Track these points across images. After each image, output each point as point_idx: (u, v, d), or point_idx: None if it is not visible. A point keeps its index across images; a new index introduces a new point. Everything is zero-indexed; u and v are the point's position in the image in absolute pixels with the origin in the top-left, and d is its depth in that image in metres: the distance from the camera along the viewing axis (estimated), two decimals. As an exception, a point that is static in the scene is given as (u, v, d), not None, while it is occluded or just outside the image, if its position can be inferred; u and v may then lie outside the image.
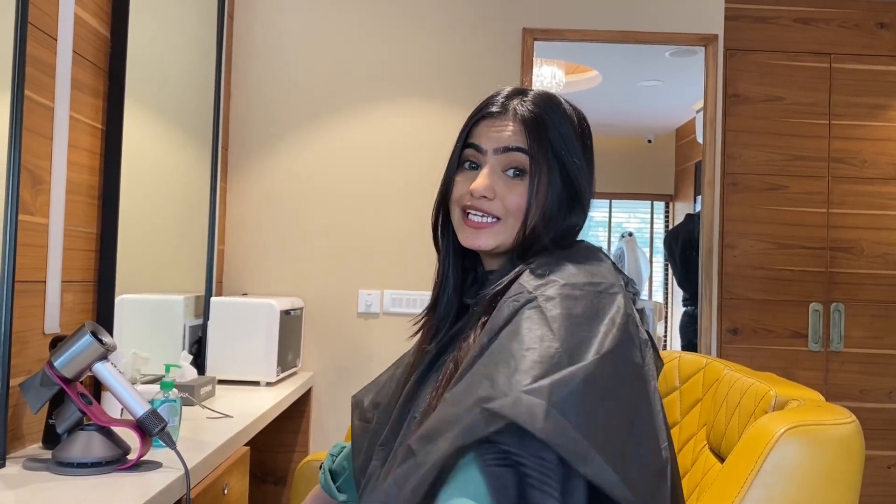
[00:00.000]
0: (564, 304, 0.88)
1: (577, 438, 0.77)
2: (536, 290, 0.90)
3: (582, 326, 0.86)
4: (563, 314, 0.86)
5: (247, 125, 2.93)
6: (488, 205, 1.05)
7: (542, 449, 0.77)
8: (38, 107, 1.59)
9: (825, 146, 3.04)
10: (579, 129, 1.09)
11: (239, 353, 2.44)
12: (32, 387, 1.40)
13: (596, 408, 0.80)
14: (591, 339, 0.84)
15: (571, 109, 1.10)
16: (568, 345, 0.83)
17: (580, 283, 0.91)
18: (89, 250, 1.84)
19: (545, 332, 0.85)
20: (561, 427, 0.77)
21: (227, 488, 1.68)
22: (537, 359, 0.82)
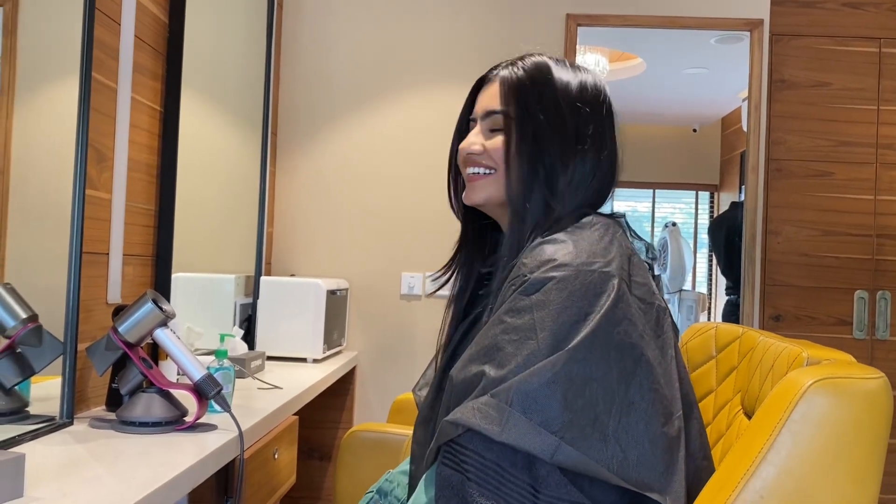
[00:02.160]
0: (555, 288, 0.89)
1: (543, 435, 0.83)
2: (531, 273, 0.92)
3: (567, 311, 0.88)
4: (550, 300, 0.88)
5: (295, 110, 3.01)
6: (479, 158, 1.12)
7: (486, 449, 0.85)
8: (104, 87, 1.68)
9: (873, 132, 3.00)
10: (578, 95, 1.07)
11: (287, 331, 2.52)
12: (98, 351, 1.49)
13: (571, 397, 0.84)
14: (573, 326, 0.87)
15: (572, 78, 1.09)
16: (548, 333, 0.86)
17: (575, 265, 0.91)
18: (148, 226, 1.93)
19: (528, 320, 0.88)
20: (522, 429, 0.83)
21: (277, 454, 1.76)
22: (512, 351, 0.87)
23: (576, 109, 1.06)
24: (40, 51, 1.50)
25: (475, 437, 0.85)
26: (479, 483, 0.85)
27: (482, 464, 0.85)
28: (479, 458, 0.85)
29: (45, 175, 1.51)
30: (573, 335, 0.86)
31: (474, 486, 0.85)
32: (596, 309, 0.88)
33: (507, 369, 0.86)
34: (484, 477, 0.85)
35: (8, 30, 1.38)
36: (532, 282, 0.90)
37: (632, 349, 0.88)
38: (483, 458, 0.85)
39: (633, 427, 0.85)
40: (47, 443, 1.34)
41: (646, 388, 0.87)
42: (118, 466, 1.20)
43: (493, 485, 0.85)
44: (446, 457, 0.87)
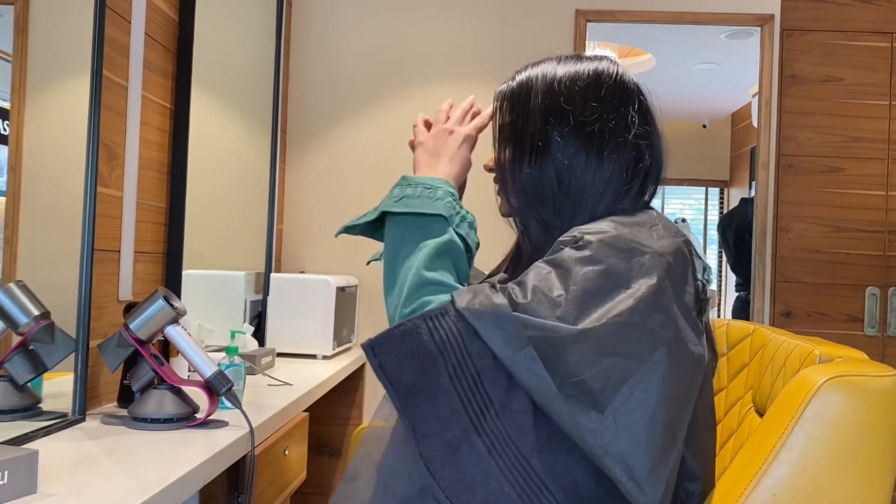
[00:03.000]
0: (608, 248, 0.91)
1: (546, 379, 0.84)
2: (584, 235, 0.94)
3: (610, 275, 0.90)
4: (599, 257, 0.91)
5: (304, 108, 3.01)
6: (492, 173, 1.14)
7: (478, 350, 0.88)
8: (114, 85, 1.69)
9: (885, 127, 2.98)
10: (566, 86, 1.04)
11: (297, 327, 2.53)
12: (109, 347, 1.49)
13: (590, 360, 0.85)
14: (610, 293, 0.89)
15: (566, 70, 1.06)
16: (580, 290, 0.89)
17: (632, 238, 0.93)
18: (159, 223, 1.94)
19: (565, 271, 0.90)
20: (525, 363, 0.85)
21: (287, 450, 1.77)
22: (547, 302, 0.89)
23: (575, 104, 1.02)
24: (51, 49, 1.50)
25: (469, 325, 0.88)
26: (453, 369, 0.88)
27: (462, 353, 0.88)
28: (461, 345, 0.88)
29: (57, 173, 1.51)
30: (608, 305, 0.87)
31: (444, 366, 0.88)
32: (638, 286, 0.88)
33: (529, 300, 0.88)
34: (460, 368, 0.88)
35: (19, 28, 1.39)
36: (585, 240, 0.93)
37: (657, 341, 0.87)
38: (468, 352, 0.88)
39: (635, 412, 0.84)
40: (60, 439, 1.35)
41: (655, 378, 0.85)
42: (130, 463, 1.20)
43: (464, 378, 0.88)
44: (434, 318, 0.90)
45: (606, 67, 1.06)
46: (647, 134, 1.03)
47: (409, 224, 1.01)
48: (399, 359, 0.89)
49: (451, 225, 1.00)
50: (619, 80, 1.05)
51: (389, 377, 0.90)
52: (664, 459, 0.84)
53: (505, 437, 0.86)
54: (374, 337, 0.92)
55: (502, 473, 0.86)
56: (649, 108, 1.06)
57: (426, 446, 0.87)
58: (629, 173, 1.01)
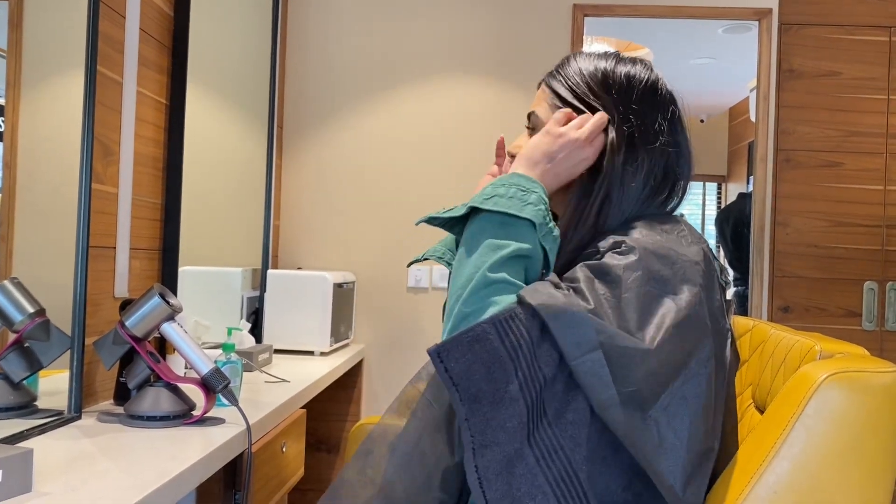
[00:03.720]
0: (639, 268, 0.91)
1: (609, 385, 0.83)
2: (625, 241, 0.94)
3: (653, 286, 0.89)
4: (643, 266, 0.90)
5: (301, 104, 3.00)
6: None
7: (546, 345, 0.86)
8: (109, 81, 1.67)
9: (883, 122, 2.97)
10: (602, 78, 1.06)
11: (294, 324, 2.52)
12: (105, 345, 1.48)
13: (653, 369, 0.84)
14: (656, 301, 0.88)
15: (599, 63, 1.07)
16: (635, 298, 0.88)
17: (666, 246, 0.93)
18: (154, 220, 1.93)
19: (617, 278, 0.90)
20: (595, 369, 0.84)
21: (285, 447, 1.76)
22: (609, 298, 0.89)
23: (596, 97, 1.04)
24: (46, 44, 1.49)
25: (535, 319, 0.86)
26: (523, 377, 0.85)
27: (529, 349, 0.86)
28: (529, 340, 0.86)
29: (52, 169, 1.50)
30: (660, 312, 0.87)
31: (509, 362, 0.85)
32: (682, 293, 0.89)
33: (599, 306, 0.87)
34: (530, 376, 0.85)
35: (13, 24, 1.38)
36: (628, 245, 0.93)
37: (701, 351, 0.88)
38: (537, 358, 0.86)
39: (677, 421, 0.85)
40: (55, 437, 1.34)
41: (701, 389, 0.87)
42: (126, 461, 1.20)
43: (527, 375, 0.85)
44: (502, 328, 0.86)
45: (640, 72, 1.07)
46: (678, 143, 1.06)
47: (492, 221, 0.95)
48: (468, 365, 0.85)
49: (538, 234, 0.94)
50: (654, 85, 1.07)
51: (456, 384, 0.85)
52: (702, 466, 0.86)
53: (556, 448, 0.85)
54: (442, 342, 0.87)
55: (549, 487, 0.84)
56: (681, 117, 1.08)
57: (485, 458, 0.83)
58: (658, 179, 1.04)
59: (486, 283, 0.90)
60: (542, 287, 0.89)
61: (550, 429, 0.85)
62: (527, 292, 0.88)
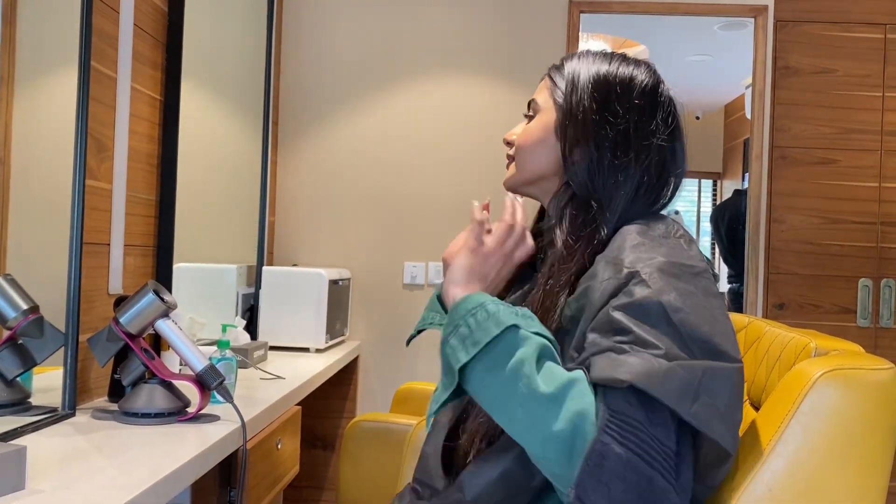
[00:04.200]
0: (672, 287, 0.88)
1: (721, 421, 0.81)
2: (632, 265, 0.91)
3: (695, 305, 0.88)
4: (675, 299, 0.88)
5: (297, 99, 2.99)
6: (510, 148, 1.14)
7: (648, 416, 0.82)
8: (103, 77, 1.67)
9: (878, 119, 2.98)
10: (616, 83, 1.06)
11: (289, 321, 2.52)
12: (99, 342, 1.48)
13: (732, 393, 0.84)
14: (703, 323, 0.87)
15: (611, 67, 1.08)
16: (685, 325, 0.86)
17: (686, 262, 0.92)
18: (149, 216, 1.92)
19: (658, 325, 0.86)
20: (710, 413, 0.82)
21: (280, 444, 1.76)
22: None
23: (603, 98, 1.04)
24: (40, 40, 1.48)
25: (645, 407, 0.81)
26: (661, 468, 0.81)
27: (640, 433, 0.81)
28: (637, 426, 0.81)
29: (46, 165, 1.50)
30: (705, 330, 0.86)
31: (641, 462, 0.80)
32: (709, 305, 0.89)
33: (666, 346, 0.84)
34: (663, 461, 0.81)
35: (7, 19, 1.37)
36: (645, 272, 0.90)
37: (733, 357, 0.87)
38: (659, 440, 0.81)
39: (726, 422, 0.84)
40: (49, 434, 1.33)
41: (739, 393, 0.87)
42: (120, 458, 1.19)
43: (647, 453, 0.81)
44: (613, 430, 0.80)
45: (643, 77, 1.07)
46: (673, 148, 1.06)
47: (487, 362, 0.88)
48: (607, 490, 0.79)
49: (523, 329, 0.89)
50: (655, 89, 1.07)
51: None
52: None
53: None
54: (576, 481, 0.80)
55: None
56: (679, 123, 1.08)
57: None
58: (652, 183, 1.04)
59: (552, 397, 0.83)
60: (615, 357, 0.83)
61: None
62: (608, 368, 0.82)
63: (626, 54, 1.11)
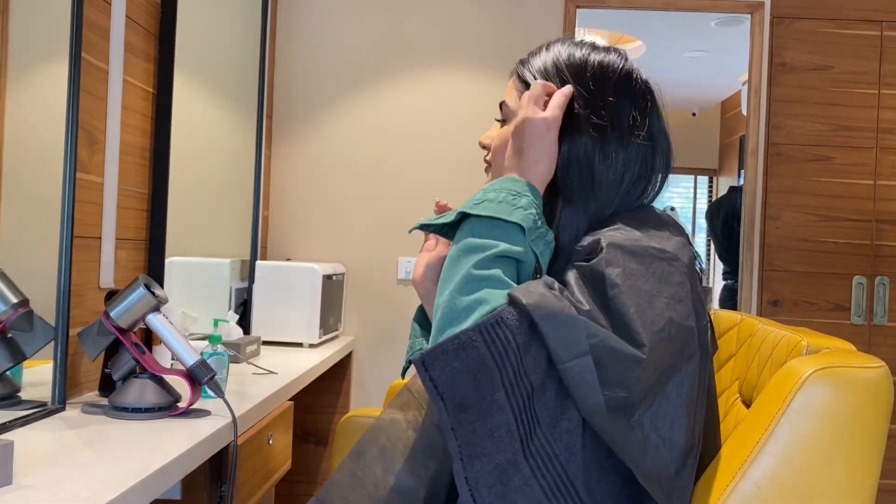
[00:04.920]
0: (627, 269, 0.88)
1: (596, 390, 0.81)
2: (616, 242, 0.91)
3: (649, 283, 0.87)
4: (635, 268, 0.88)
5: (291, 93, 2.98)
6: (487, 153, 1.11)
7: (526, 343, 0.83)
8: (94, 69, 1.65)
9: (874, 116, 2.98)
10: (574, 66, 1.02)
11: (283, 315, 2.51)
12: (90, 336, 1.47)
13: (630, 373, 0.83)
14: (653, 300, 0.86)
15: (573, 51, 1.04)
16: (632, 301, 0.85)
17: (654, 245, 0.91)
18: (141, 210, 1.91)
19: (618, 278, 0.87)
20: (584, 371, 0.82)
21: (271, 439, 1.75)
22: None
23: (582, 87, 1.00)
24: (32, 31, 1.47)
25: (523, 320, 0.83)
26: (510, 384, 0.82)
27: (515, 350, 0.82)
28: (514, 342, 0.83)
29: (38, 158, 1.49)
30: (651, 315, 0.85)
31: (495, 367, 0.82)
32: (671, 292, 0.87)
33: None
34: (516, 383, 0.82)
35: (-2, 10, 1.36)
36: (610, 246, 0.90)
37: (690, 350, 0.86)
38: (524, 365, 0.82)
39: (660, 419, 0.83)
40: (39, 428, 1.33)
41: (684, 387, 0.85)
42: (110, 453, 1.19)
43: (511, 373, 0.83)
44: (487, 333, 0.82)
45: (619, 63, 1.03)
46: (652, 135, 1.02)
47: (482, 225, 0.92)
48: (453, 374, 0.81)
49: (527, 237, 0.91)
50: (629, 75, 1.03)
51: (442, 393, 0.82)
52: (688, 461, 0.85)
53: (552, 457, 0.83)
54: (426, 350, 0.83)
55: (546, 497, 0.82)
56: (658, 109, 1.04)
57: (475, 469, 0.81)
58: (635, 172, 1.00)
59: (479, 277, 0.88)
60: (534, 287, 0.86)
61: (545, 438, 0.83)
62: (519, 291, 0.85)
63: (595, 42, 1.08)
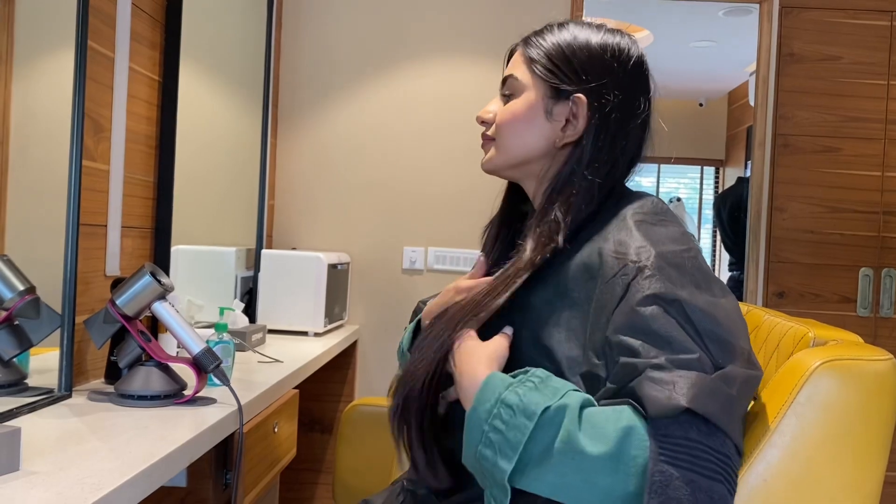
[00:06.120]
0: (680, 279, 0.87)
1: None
2: (639, 258, 0.89)
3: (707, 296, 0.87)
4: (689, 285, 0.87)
5: (296, 82, 2.97)
6: (488, 129, 1.09)
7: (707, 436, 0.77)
8: (100, 57, 1.65)
9: (883, 107, 2.96)
10: (600, 53, 1.02)
11: (288, 304, 2.51)
12: (96, 323, 1.47)
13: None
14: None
15: (591, 36, 1.04)
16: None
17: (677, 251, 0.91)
18: (147, 198, 1.91)
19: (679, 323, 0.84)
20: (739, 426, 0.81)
21: (276, 427, 1.76)
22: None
23: (589, 67, 1.01)
24: (38, 19, 1.47)
25: (696, 423, 0.76)
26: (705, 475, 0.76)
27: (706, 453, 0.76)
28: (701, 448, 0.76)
29: (45, 146, 1.48)
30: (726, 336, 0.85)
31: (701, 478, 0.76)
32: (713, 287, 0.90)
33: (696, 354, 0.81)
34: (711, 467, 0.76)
35: (4, -3, 1.36)
36: (652, 262, 0.88)
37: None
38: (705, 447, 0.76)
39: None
40: (45, 415, 1.33)
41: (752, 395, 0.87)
42: (116, 440, 1.19)
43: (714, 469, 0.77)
44: (666, 454, 0.75)
45: (629, 46, 1.04)
46: (648, 119, 1.05)
47: (533, 459, 0.81)
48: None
49: (552, 404, 0.82)
50: (640, 61, 1.05)
51: None
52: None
53: None
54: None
55: None
56: (653, 95, 1.07)
57: None
58: (633, 154, 1.03)
59: (609, 459, 0.78)
60: (654, 388, 0.78)
61: None
62: (656, 406, 0.77)
63: (606, 25, 1.08)
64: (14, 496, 0.93)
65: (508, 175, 1.10)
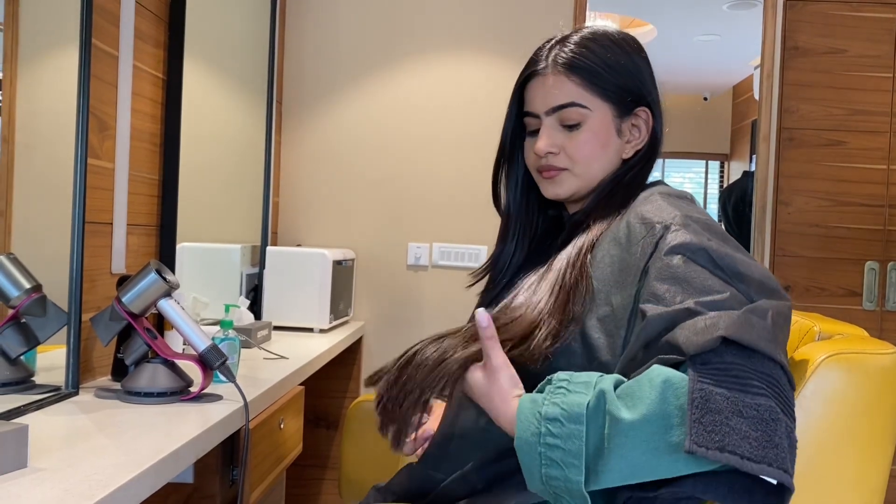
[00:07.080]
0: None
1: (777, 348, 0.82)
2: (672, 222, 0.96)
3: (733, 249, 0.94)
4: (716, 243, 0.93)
5: (300, 79, 2.97)
6: (554, 160, 1.11)
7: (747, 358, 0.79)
8: (104, 55, 1.65)
9: (888, 100, 2.95)
10: (629, 52, 1.13)
11: (293, 301, 2.52)
12: (102, 321, 1.48)
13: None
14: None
15: (620, 37, 1.14)
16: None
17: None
18: (152, 196, 1.91)
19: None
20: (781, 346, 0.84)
21: (282, 423, 1.76)
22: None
23: (638, 76, 1.12)
24: (43, 17, 1.47)
25: (733, 349, 0.78)
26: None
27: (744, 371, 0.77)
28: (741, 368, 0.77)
29: (50, 144, 1.49)
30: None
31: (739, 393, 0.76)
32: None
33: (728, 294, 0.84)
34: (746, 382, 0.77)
35: (8, -4, 1.36)
36: (678, 222, 0.95)
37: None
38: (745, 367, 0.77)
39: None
40: (52, 413, 1.34)
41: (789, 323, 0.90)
42: (123, 437, 1.20)
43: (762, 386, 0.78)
44: (706, 377, 0.76)
45: (639, 42, 1.17)
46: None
47: (597, 457, 0.81)
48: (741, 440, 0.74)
49: (589, 398, 0.83)
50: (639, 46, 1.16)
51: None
52: None
53: None
54: (690, 434, 0.75)
55: None
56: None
57: None
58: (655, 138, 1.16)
59: (659, 417, 0.78)
60: (691, 330, 0.80)
61: None
62: (693, 345, 0.79)
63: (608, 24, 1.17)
64: (22, 493, 0.93)
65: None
